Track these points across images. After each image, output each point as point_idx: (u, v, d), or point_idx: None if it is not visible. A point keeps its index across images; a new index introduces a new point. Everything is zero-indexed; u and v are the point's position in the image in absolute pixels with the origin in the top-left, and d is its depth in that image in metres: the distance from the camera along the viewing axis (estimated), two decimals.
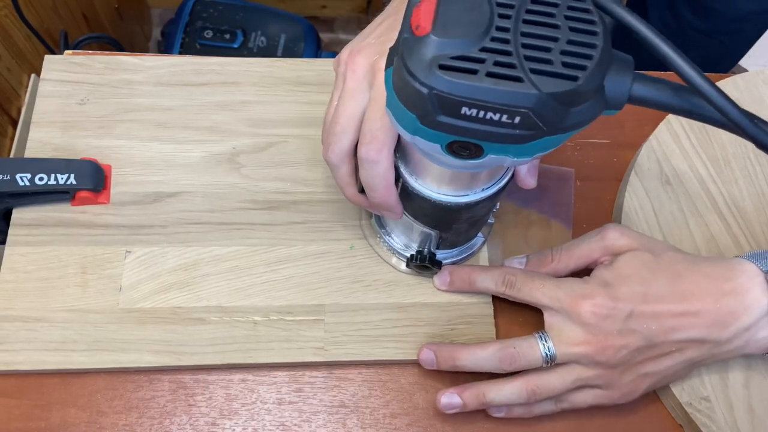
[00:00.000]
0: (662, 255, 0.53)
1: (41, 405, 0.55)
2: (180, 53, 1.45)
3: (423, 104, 0.36)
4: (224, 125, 0.66)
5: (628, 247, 0.54)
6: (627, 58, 0.38)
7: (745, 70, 0.72)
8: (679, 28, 1.07)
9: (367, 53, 0.48)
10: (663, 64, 0.36)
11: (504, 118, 0.35)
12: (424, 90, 0.35)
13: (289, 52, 1.47)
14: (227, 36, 1.47)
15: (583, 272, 0.56)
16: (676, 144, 0.67)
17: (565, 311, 0.52)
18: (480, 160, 0.40)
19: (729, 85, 0.70)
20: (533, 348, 0.52)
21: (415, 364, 0.58)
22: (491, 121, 0.36)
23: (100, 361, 0.56)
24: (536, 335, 0.53)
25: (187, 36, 1.47)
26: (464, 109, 0.35)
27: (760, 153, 0.66)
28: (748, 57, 1.15)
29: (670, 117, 0.68)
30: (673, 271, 0.53)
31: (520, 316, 0.59)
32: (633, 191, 0.64)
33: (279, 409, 0.56)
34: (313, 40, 1.51)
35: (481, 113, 0.35)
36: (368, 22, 0.53)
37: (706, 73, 0.36)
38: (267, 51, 1.47)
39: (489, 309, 0.60)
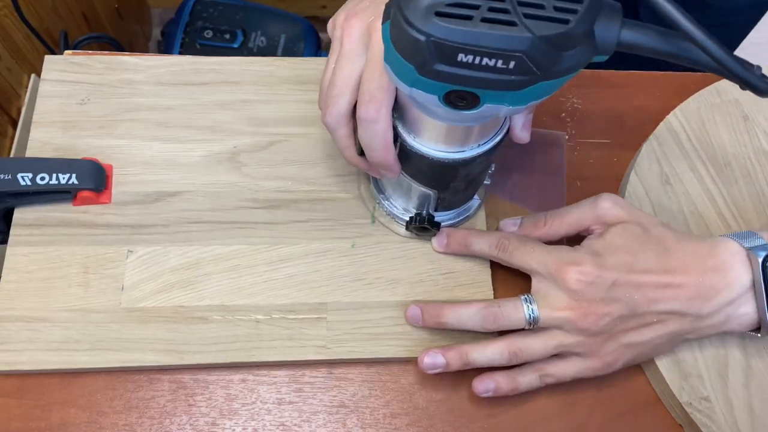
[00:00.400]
0: (652, 229, 0.55)
1: (41, 405, 0.55)
2: (180, 53, 1.45)
3: (421, 53, 0.37)
4: (225, 124, 0.66)
5: (620, 219, 0.55)
6: (615, 5, 0.39)
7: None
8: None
9: (362, 16, 0.49)
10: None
11: (499, 63, 0.37)
12: (422, 37, 0.36)
13: (289, 52, 1.47)
14: (227, 36, 1.47)
15: (574, 240, 0.57)
16: (676, 144, 0.67)
17: (552, 276, 0.53)
18: (476, 111, 0.41)
19: (725, 82, 0.70)
20: (517, 308, 0.53)
21: (416, 363, 0.58)
22: (487, 67, 0.37)
23: (103, 360, 0.56)
24: (522, 297, 0.54)
25: (187, 36, 1.47)
26: (461, 56, 0.37)
27: (761, 153, 0.66)
28: (747, 56, 1.15)
29: (670, 117, 0.68)
30: (660, 246, 0.54)
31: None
32: (633, 191, 0.64)
33: (279, 409, 0.56)
34: (313, 40, 1.51)
35: (477, 59, 0.37)
36: None
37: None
38: (267, 51, 1.47)
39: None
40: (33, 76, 1.16)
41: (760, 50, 1.14)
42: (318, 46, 1.51)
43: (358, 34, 0.49)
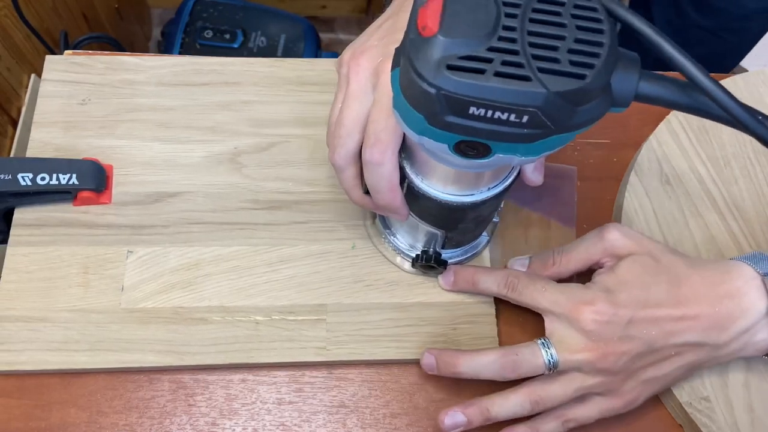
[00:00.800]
0: (662, 258, 0.53)
1: (41, 405, 0.55)
2: (180, 53, 1.45)
3: (431, 104, 0.36)
4: (226, 125, 0.66)
5: (628, 250, 0.54)
6: (633, 56, 0.38)
7: (746, 70, 0.72)
8: (682, 26, 1.07)
9: (370, 55, 0.48)
10: (666, 64, 0.36)
11: (512, 117, 0.36)
12: (432, 90, 0.35)
13: (289, 52, 1.47)
14: (227, 36, 1.47)
15: (585, 274, 0.56)
16: (676, 144, 0.67)
17: (566, 317, 0.52)
18: (487, 160, 0.40)
19: (729, 85, 0.70)
20: (536, 355, 0.52)
21: (416, 363, 0.58)
22: (499, 121, 0.36)
23: (102, 361, 0.56)
24: (538, 342, 0.53)
25: (187, 36, 1.47)
26: (472, 109, 0.36)
27: (760, 153, 0.67)
28: (750, 56, 1.15)
29: (670, 117, 0.68)
30: (672, 275, 0.53)
31: (520, 316, 0.59)
32: (633, 191, 0.64)
33: (279, 409, 0.56)
34: (313, 40, 1.51)
35: (489, 113, 0.36)
36: (368, 23, 0.53)
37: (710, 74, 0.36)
38: (267, 51, 1.47)
39: (491, 308, 0.60)
40: (33, 76, 1.16)
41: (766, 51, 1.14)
42: (318, 46, 1.51)
43: (365, 74, 0.48)
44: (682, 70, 0.36)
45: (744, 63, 1.23)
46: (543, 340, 0.53)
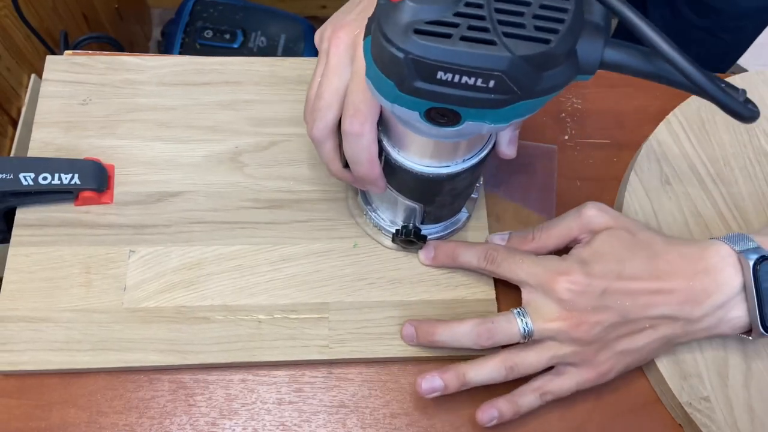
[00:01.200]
0: (638, 234, 0.55)
1: (41, 405, 0.55)
2: (180, 53, 1.45)
3: (400, 70, 0.37)
4: (227, 125, 0.66)
5: (606, 225, 0.55)
6: (599, 24, 0.39)
7: (745, 70, 0.72)
8: (679, 26, 1.07)
9: (348, 29, 0.49)
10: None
11: (479, 81, 0.36)
12: (401, 55, 0.36)
13: (289, 52, 1.47)
14: (227, 36, 1.47)
15: (563, 251, 0.57)
16: (676, 144, 0.67)
17: (542, 287, 0.53)
18: (458, 127, 0.41)
19: None
20: (511, 323, 0.53)
21: (416, 362, 0.58)
22: (467, 86, 0.37)
23: (105, 360, 0.56)
24: (514, 311, 0.54)
25: (187, 36, 1.47)
26: (440, 74, 0.37)
27: (761, 153, 0.67)
28: (749, 56, 1.15)
29: (670, 117, 0.68)
30: (648, 250, 0.54)
31: None
32: (633, 191, 0.64)
33: (279, 409, 0.56)
34: (313, 40, 1.51)
35: (457, 77, 0.36)
36: None
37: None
38: (267, 51, 1.47)
39: (493, 306, 0.60)
40: (33, 76, 1.16)
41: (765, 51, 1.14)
42: None
43: (344, 47, 0.49)
44: (643, 37, 0.37)
45: (743, 63, 1.24)
46: (519, 310, 0.54)
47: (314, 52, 1.47)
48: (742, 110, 0.39)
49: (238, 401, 0.56)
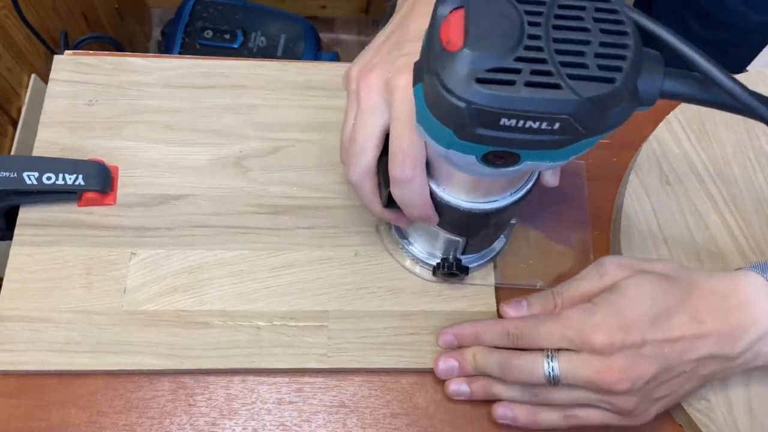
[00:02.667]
0: (663, 273, 0.53)
1: (41, 405, 0.55)
2: (180, 53, 1.44)
3: (460, 118, 0.36)
4: (232, 128, 0.66)
5: (627, 277, 0.53)
6: (656, 55, 0.38)
7: (746, 71, 0.72)
8: (685, 38, 1.08)
9: (379, 70, 0.48)
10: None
11: (544, 125, 0.35)
12: (462, 104, 0.35)
13: (289, 52, 1.47)
14: (227, 36, 1.47)
15: None
16: (676, 144, 0.67)
17: (576, 346, 0.51)
18: (515, 167, 0.40)
19: None
20: (536, 363, 0.51)
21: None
22: (530, 130, 0.36)
23: (103, 362, 0.56)
24: (543, 353, 0.52)
25: (187, 36, 1.47)
26: (503, 120, 0.35)
27: (761, 153, 0.67)
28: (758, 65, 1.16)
29: (670, 117, 0.68)
30: (678, 290, 0.52)
31: None
32: (633, 191, 0.64)
33: (279, 409, 0.56)
34: (313, 40, 1.51)
35: (521, 123, 0.35)
36: (368, 23, 0.52)
37: None
38: (267, 51, 1.47)
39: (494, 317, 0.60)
40: (33, 76, 1.16)
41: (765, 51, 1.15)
42: (318, 47, 1.51)
43: (376, 89, 0.48)
44: (700, 70, 0.36)
45: None
46: (549, 353, 0.52)
47: (314, 53, 1.47)
48: None
49: (238, 401, 0.56)
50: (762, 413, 0.55)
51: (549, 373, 0.51)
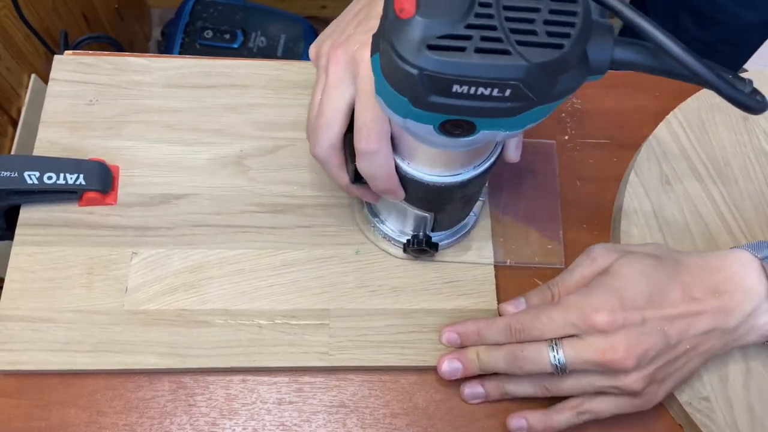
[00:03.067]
0: (653, 253, 0.54)
1: (41, 405, 0.55)
2: (180, 53, 1.44)
3: (414, 86, 0.37)
4: (232, 128, 0.66)
5: (617, 259, 0.54)
6: (606, 24, 0.39)
7: (745, 71, 0.72)
8: (681, 39, 1.08)
9: (347, 45, 0.48)
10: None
11: (495, 92, 0.36)
12: (415, 71, 0.36)
13: (289, 52, 1.47)
14: (227, 36, 1.47)
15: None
16: (676, 144, 0.67)
17: (579, 329, 0.51)
18: (472, 137, 0.41)
19: None
20: (541, 353, 0.52)
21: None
22: (482, 97, 0.37)
23: (104, 362, 0.56)
24: (547, 342, 0.52)
25: (187, 36, 1.47)
26: (455, 87, 0.36)
27: (761, 153, 0.67)
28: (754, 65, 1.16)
29: (670, 117, 0.68)
30: (667, 267, 0.53)
31: None
32: (633, 191, 0.64)
33: (279, 409, 0.56)
34: (313, 40, 1.50)
35: (472, 89, 0.36)
36: None
37: None
38: (267, 51, 1.47)
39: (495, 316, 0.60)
40: (33, 76, 1.16)
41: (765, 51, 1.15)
42: None
43: (343, 63, 0.48)
44: (646, 35, 0.37)
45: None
46: (553, 341, 0.52)
47: None
48: (749, 101, 0.39)
49: (238, 401, 0.56)
50: (762, 413, 0.55)
51: (555, 361, 0.51)
